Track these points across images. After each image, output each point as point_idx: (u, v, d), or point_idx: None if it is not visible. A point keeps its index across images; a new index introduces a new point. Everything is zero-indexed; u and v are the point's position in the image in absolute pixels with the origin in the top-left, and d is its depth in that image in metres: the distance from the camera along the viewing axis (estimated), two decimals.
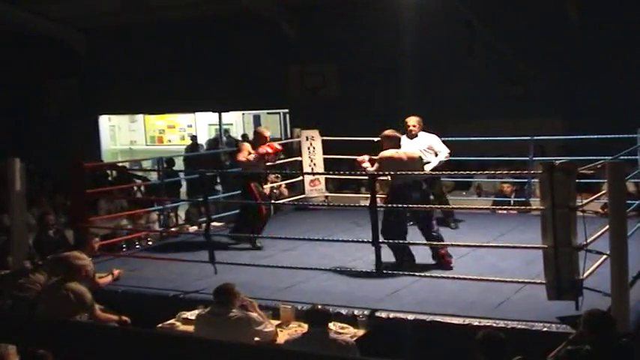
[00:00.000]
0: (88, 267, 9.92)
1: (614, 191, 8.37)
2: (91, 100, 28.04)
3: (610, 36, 20.42)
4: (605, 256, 8.55)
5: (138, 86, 26.61)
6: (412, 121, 13.38)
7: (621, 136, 13.79)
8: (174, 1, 24.04)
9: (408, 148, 11.87)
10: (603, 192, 9.50)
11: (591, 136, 14.32)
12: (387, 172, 11.12)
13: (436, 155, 13.16)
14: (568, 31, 20.87)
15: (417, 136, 13.31)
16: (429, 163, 12.85)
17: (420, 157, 11.60)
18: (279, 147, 13.37)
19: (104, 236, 13.23)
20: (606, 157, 9.40)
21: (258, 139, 13.10)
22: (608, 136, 13.83)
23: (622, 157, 11.03)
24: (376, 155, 11.26)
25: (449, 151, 13.18)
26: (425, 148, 13.11)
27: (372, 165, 11.25)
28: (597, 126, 16.01)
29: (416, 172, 10.93)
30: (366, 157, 11.53)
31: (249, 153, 12.72)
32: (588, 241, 8.58)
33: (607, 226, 8.42)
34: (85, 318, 9.12)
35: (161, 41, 26.16)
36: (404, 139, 12.33)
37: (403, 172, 10.65)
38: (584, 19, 20.71)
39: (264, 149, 12.77)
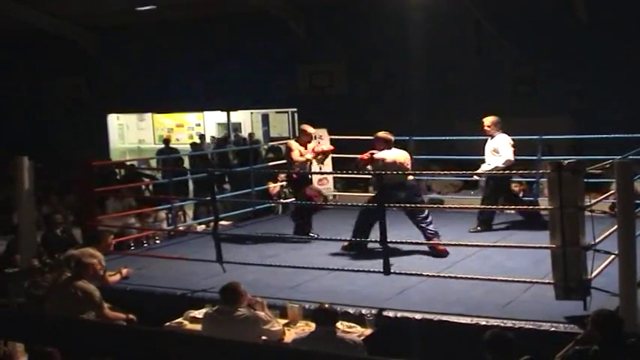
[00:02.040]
0: (97, 265, 9.94)
1: (623, 191, 8.36)
2: (99, 98, 28.09)
3: (618, 34, 20.39)
4: (613, 256, 8.53)
5: (146, 85, 26.65)
6: (487, 121, 13.32)
7: (630, 135, 13.76)
8: (183, 0, 24.03)
9: (398, 151, 12.01)
10: (612, 192, 9.49)
11: (600, 136, 14.30)
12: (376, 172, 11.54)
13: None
14: (576, 29, 20.84)
15: (492, 136, 13.24)
16: (488, 165, 13.11)
17: (409, 159, 12.05)
18: (331, 147, 13.31)
19: (112, 234, 13.25)
20: (615, 157, 9.38)
21: (304, 136, 13.06)
22: (617, 135, 13.81)
23: (631, 157, 11.00)
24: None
25: (508, 158, 12.92)
26: (492, 149, 13.13)
27: (371, 161, 11.66)
28: (606, 125, 16.00)
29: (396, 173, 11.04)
30: (365, 157, 11.71)
31: (300, 153, 12.70)
32: (596, 240, 8.56)
33: (615, 226, 8.40)
34: (92, 316, 9.14)
35: (170, 40, 26.19)
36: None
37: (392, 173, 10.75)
38: (593, 17, 20.66)
39: (320, 149, 12.80)
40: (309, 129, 13.18)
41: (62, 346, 6.14)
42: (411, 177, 12.02)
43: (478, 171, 13.31)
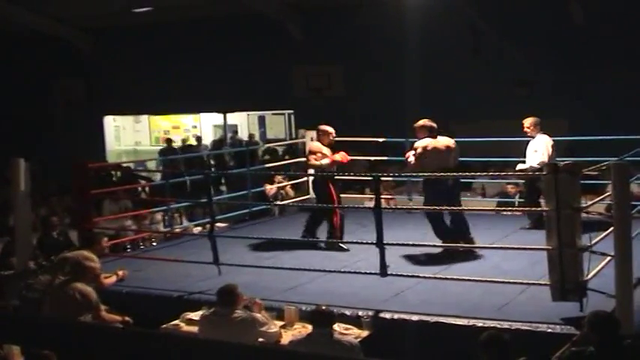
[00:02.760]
0: (96, 269, 9.95)
1: (619, 193, 8.36)
2: (95, 100, 28.11)
3: (615, 36, 20.44)
4: (609, 258, 8.54)
5: (143, 87, 26.66)
6: (527, 122, 13.27)
7: (627, 137, 13.78)
8: (181, 2, 24.05)
9: (444, 138, 11.86)
10: (608, 193, 9.50)
11: (596, 137, 14.31)
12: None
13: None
14: (573, 32, 20.90)
15: (533, 137, 13.17)
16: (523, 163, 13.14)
17: (455, 147, 11.78)
18: (349, 158, 13.14)
19: (109, 237, 13.25)
20: (611, 159, 9.40)
21: (325, 137, 12.86)
22: (614, 137, 13.83)
23: (627, 159, 11.02)
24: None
25: (543, 160, 12.74)
26: (532, 150, 13.09)
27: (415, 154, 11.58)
28: (602, 127, 16.02)
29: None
30: (411, 153, 11.65)
31: (323, 156, 12.57)
32: (593, 242, 8.58)
33: (612, 228, 8.41)
34: (89, 318, 9.14)
35: (166, 42, 26.20)
36: None
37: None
38: (589, 20, 20.73)
39: (339, 157, 12.65)
40: (330, 129, 12.97)
41: (58, 348, 6.15)
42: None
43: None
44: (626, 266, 8.23)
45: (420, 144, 11.58)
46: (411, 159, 11.66)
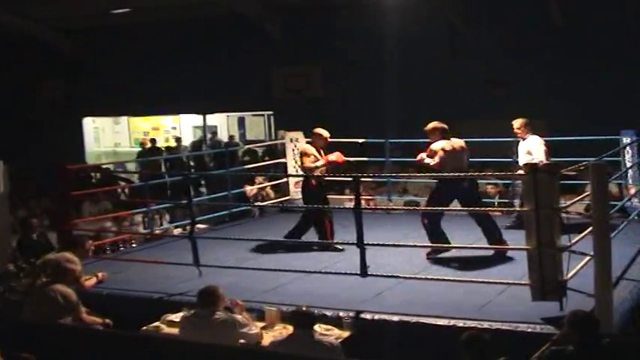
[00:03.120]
0: (77, 271, 9.90)
1: (598, 192, 8.39)
2: (75, 101, 28.03)
3: (593, 38, 20.54)
4: (588, 257, 8.56)
5: (122, 88, 26.60)
6: (516, 123, 13.17)
7: (605, 137, 13.84)
8: (159, 3, 23.99)
9: (455, 139, 11.77)
10: (587, 193, 9.53)
11: (575, 138, 14.35)
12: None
13: None
14: (551, 32, 20.98)
15: (524, 139, 13.10)
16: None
17: (466, 148, 11.74)
18: (344, 158, 13.07)
19: (91, 239, 13.20)
20: (590, 159, 9.41)
21: (319, 140, 12.74)
22: (592, 137, 13.88)
23: (605, 159, 11.05)
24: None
25: (541, 159, 12.59)
26: (525, 151, 13.01)
27: (430, 158, 11.51)
28: (581, 127, 16.06)
29: None
30: (424, 155, 11.61)
31: (316, 158, 12.52)
32: (572, 242, 8.60)
33: (591, 228, 8.44)
34: (69, 320, 9.09)
35: (146, 43, 26.16)
36: None
37: None
38: (567, 21, 20.80)
39: (335, 157, 12.57)
40: (325, 132, 12.92)
41: (39, 350, 6.13)
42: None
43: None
44: (605, 266, 8.25)
45: (437, 146, 11.48)
46: (428, 160, 11.59)
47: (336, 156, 12.49)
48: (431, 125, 11.77)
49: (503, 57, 21.28)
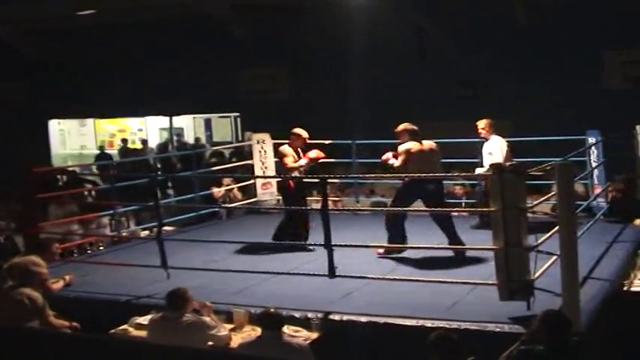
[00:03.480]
0: (44, 274, 9.85)
1: (564, 192, 8.43)
2: (40, 104, 27.85)
3: (558, 38, 20.65)
4: (555, 257, 8.61)
5: (88, 90, 26.46)
6: (481, 123, 13.27)
7: (570, 137, 13.93)
8: (125, 4, 23.88)
9: (427, 141, 11.83)
10: (553, 193, 9.57)
11: (541, 138, 14.42)
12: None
13: None
14: (517, 33, 21.08)
15: (487, 139, 13.17)
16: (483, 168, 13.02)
17: (438, 150, 11.80)
18: (322, 155, 12.90)
19: (57, 242, 13.12)
20: (555, 159, 9.47)
21: (298, 140, 12.73)
22: (558, 137, 13.95)
23: (571, 159, 11.11)
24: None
25: (500, 159, 12.71)
26: (487, 152, 13.09)
27: (397, 159, 11.57)
28: (546, 128, 16.14)
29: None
30: (389, 155, 11.63)
31: (295, 159, 12.48)
32: (539, 241, 8.64)
33: (557, 227, 8.48)
34: (36, 324, 9.04)
35: (111, 45, 26.03)
36: None
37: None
38: (532, 21, 20.90)
39: (314, 154, 12.53)
40: (304, 133, 12.91)
41: (5, 355, 6.08)
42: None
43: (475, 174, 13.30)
44: (572, 265, 8.30)
45: (404, 148, 11.54)
46: (392, 161, 11.67)
47: (315, 153, 12.52)
48: (401, 127, 11.84)
49: (469, 57, 21.35)
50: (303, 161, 12.44)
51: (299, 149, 12.64)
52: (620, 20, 20.10)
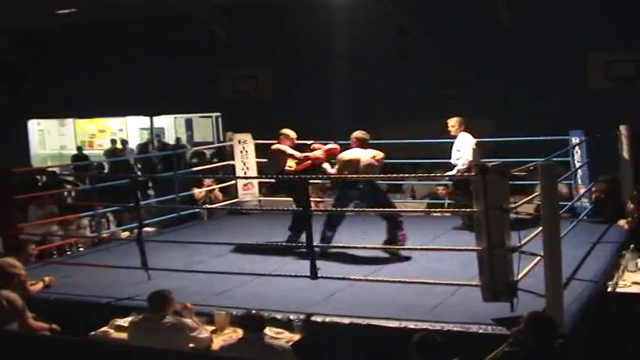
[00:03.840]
0: (22, 275, 9.80)
1: (547, 193, 8.44)
2: (19, 103, 27.72)
3: (541, 39, 20.69)
4: (539, 258, 8.62)
5: (68, 90, 26.37)
6: (451, 121, 13.37)
7: (553, 137, 13.95)
8: (105, 3, 23.80)
9: (363, 150, 11.92)
10: (536, 194, 9.58)
11: (524, 138, 14.44)
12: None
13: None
14: (500, 34, 21.13)
15: (456, 136, 13.28)
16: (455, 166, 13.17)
17: (368, 160, 11.77)
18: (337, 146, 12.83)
19: (34, 243, 13.05)
20: (539, 159, 9.48)
21: (287, 141, 12.75)
22: (541, 137, 13.97)
23: (554, 159, 11.13)
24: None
25: (467, 158, 12.96)
26: (455, 150, 13.21)
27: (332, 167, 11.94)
28: (529, 128, 16.17)
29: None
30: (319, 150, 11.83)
31: (297, 159, 12.54)
32: (522, 242, 8.64)
33: (540, 228, 8.49)
34: (15, 326, 8.99)
35: (92, 44, 25.97)
36: None
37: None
38: (516, 21, 20.95)
39: (315, 155, 12.53)
40: (292, 133, 12.89)
41: None
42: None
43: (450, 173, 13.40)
44: (556, 266, 8.31)
45: (340, 155, 11.95)
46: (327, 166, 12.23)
47: (330, 147, 12.56)
48: (354, 134, 12.06)
49: (452, 57, 21.37)
50: (319, 152, 12.45)
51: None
52: (604, 20, 20.15)
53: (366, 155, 11.74)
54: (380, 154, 11.85)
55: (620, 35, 19.97)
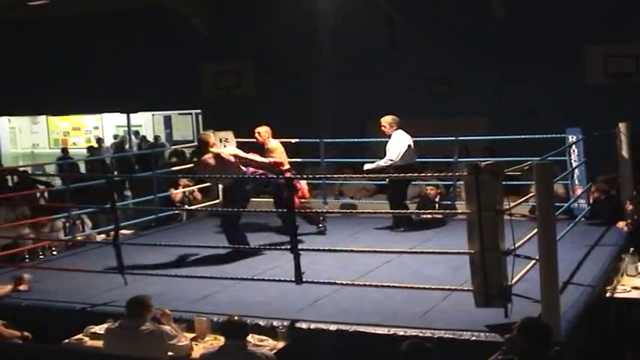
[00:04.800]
0: None
1: (543, 193, 8.44)
2: None
3: (536, 34, 20.73)
4: (534, 261, 8.62)
5: (40, 85, 26.31)
6: (383, 120, 13.63)
7: (549, 136, 13.97)
8: None
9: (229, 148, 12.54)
10: (531, 194, 9.59)
11: (518, 137, 14.47)
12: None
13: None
14: (494, 28, 21.13)
15: (389, 136, 13.52)
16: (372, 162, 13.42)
17: (232, 154, 12.32)
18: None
19: (4, 246, 13.02)
20: (534, 158, 9.48)
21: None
22: (536, 136, 14.00)
23: (550, 158, 11.15)
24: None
25: (393, 157, 13.24)
26: (387, 149, 13.41)
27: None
28: (524, 126, 16.20)
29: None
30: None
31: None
32: (517, 245, 8.64)
33: (535, 230, 8.49)
34: None
35: (66, 37, 25.91)
36: None
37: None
38: (511, 16, 20.96)
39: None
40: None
41: None
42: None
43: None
44: (552, 270, 8.31)
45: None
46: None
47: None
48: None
49: (444, 53, 21.37)
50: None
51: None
52: (602, 12, 20.18)
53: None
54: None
55: (619, 28, 20.00)
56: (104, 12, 25.00)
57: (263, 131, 13.75)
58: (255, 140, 13.95)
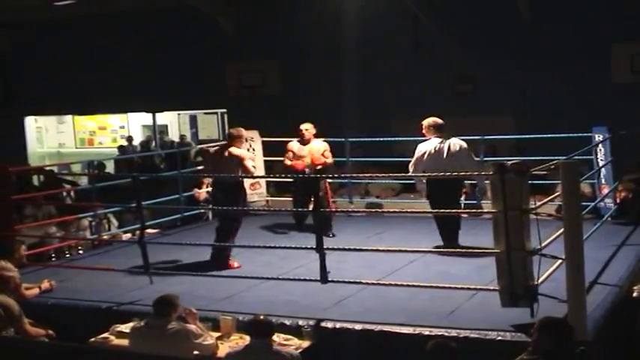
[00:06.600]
0: (16, 278, 9.80)
1: (569, 193, 8.40)
2: (16, 100, 27.74)
3: (563, 33, 20.65)
4: (560, 261, 8.58)
5: (66, 85, 26.39)
6: (423, 123, 13.20)
7: (575, 135, 13.91)
8: None
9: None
10: (557, 193, 9.55)
11: (545, 136, 14.41)
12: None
13: None
14: (520, 27, 21.06)
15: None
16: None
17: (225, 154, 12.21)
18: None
19: (31, 245, 13.05)
20: (560, 157, 9.44)
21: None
22: (562, 135, 13.94)
23: (576, 157, 11.10)
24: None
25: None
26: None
27: None
28: (550, 125, 16.13)
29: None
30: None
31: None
32: (543, 245, 8.61)
33: (562, 229, 8.45)
34: (11, 333, 9.00)
35: (91, 37, 25.98)
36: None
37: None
38: (537, 15, 20.89)
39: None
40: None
41: None
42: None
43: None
44: (578, 269, 8.25)
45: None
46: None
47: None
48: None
49: (469, 52, 21.31)
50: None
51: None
52: (628, 9, 20.09)
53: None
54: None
55: None
56: (130, 12, 25.06)
57: (310, 127, 13.75)
58: (280, 139, 13.97)
